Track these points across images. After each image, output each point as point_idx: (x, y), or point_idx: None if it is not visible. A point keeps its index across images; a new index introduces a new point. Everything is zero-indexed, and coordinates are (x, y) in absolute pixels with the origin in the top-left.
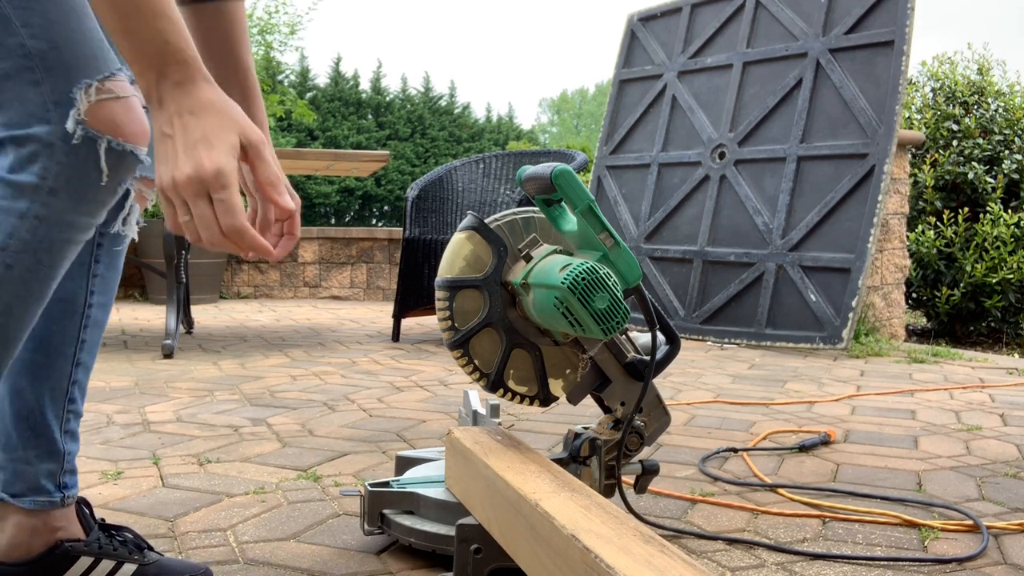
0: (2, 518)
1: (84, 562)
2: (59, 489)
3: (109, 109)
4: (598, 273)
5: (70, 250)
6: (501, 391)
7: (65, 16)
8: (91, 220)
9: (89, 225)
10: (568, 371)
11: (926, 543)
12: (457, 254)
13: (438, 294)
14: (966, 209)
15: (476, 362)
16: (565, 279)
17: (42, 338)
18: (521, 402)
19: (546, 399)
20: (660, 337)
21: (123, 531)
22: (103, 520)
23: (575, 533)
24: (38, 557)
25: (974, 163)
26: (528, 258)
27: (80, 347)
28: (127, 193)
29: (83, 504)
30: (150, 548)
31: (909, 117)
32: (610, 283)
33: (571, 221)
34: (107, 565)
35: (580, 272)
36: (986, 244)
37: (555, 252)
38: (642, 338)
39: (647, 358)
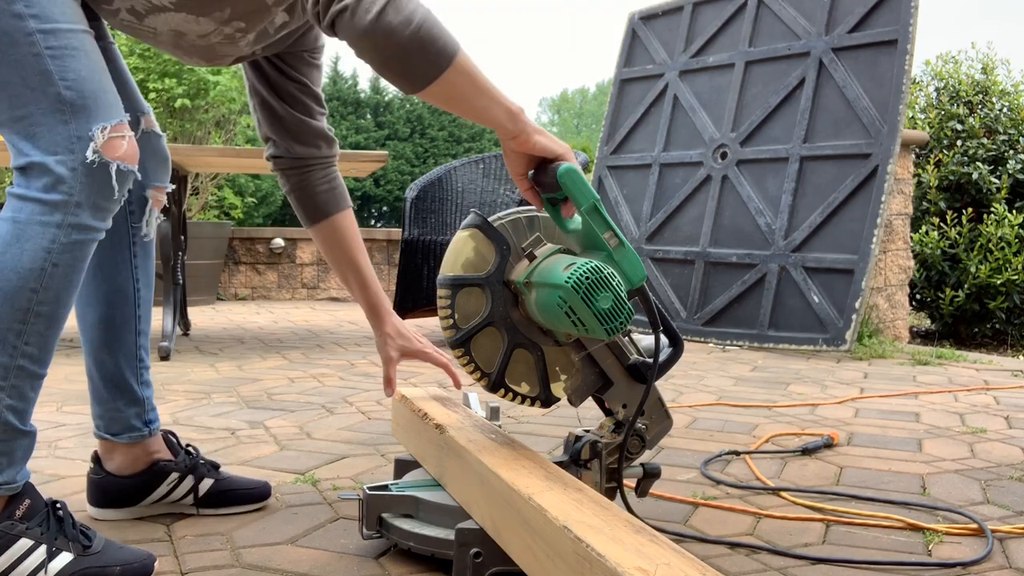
0: (111, 451)
1: (173, 477)
2: (145, 425)
3: (116, 143)
4: (602, 273)
5: (91, 247)
6: (502, 391)
7: (92, 73)
8: (105, 224)
9: (104, 228)
10: (570, 372)
11: (930, 547)
12: (460, 252)
13: (440, 292)
14: (970, 210)
15: (477, 361)
16: (569, 278)
17: (109, 320)
18: (522, 403)
19: (547, 400)
20: (663, 339)
21: (198, 452)
22: (188, 446)
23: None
24: (141, 471)
25: (978, 163)
26: (531, 257)
27: (138, 320)
28: (146, 200)
29: (170, 435)
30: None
31: (913, 117)
32: (614, 283)
33: (576, 220)
34: (191, 481)
35: (584, 271)
36: (990, 245)
37: (559, 251)
38: (644, 340)
39: (650, 360)
